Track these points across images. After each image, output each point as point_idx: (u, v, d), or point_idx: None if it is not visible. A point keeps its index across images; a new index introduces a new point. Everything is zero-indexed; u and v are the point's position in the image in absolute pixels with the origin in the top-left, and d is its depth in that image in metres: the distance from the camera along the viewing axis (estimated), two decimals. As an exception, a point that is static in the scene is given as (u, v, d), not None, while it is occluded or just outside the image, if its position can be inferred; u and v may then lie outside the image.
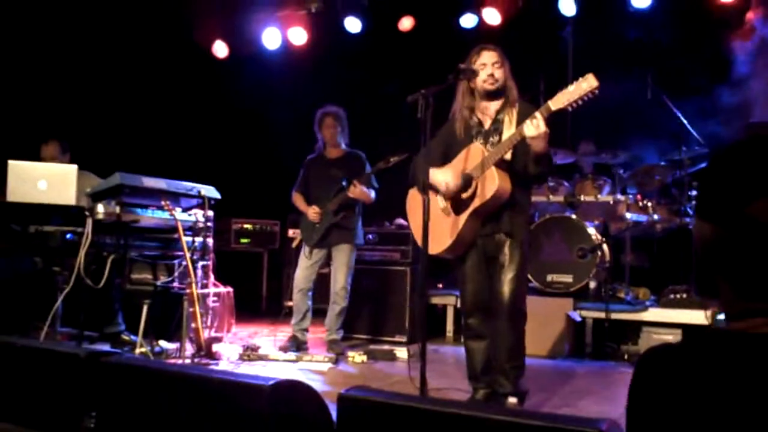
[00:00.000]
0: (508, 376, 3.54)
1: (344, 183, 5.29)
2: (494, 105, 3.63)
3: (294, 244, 5.82)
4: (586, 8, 6.97)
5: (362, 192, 5.27)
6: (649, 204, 6.19)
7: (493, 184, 3.40)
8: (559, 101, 3.20)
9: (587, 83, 3.11)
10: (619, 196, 6.19)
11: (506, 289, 3.49)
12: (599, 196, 6.33)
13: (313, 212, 5.40)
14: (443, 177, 3.56)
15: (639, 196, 6.25)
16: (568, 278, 5.92)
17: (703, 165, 6.27)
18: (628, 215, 6.05)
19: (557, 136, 6.87)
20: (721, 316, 4.69)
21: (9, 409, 3.14)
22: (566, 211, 6.29)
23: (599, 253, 5.87)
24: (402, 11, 7.68)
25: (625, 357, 5.30)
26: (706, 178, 1.12)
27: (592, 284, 6.11)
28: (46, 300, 4.71)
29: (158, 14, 7.45)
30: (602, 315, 5.51)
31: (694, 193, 6.14)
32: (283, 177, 5.79)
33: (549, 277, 5.96)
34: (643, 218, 6.17)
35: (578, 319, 5.61)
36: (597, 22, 7.05)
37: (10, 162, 4.52)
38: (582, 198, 6.36)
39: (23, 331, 4.69)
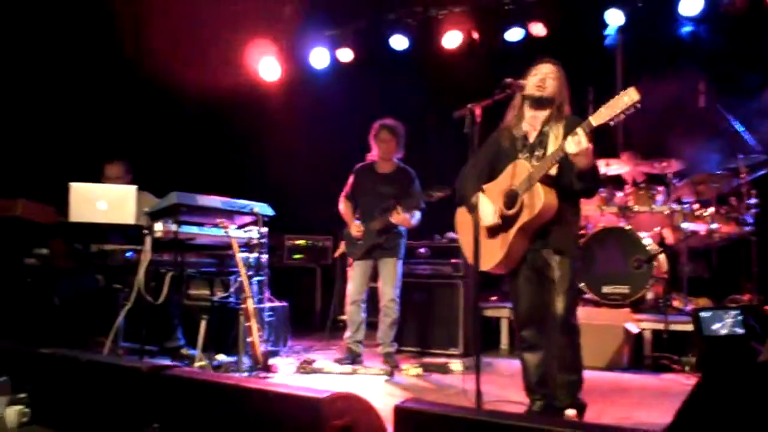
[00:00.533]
0: (566, 390, 3.50)
1: (391, 204, 5.33)
2: (541, 116, 3.59)
3: (336, 254, 5.89)
4: (634, 17, 6.89)
5: (404, 219, 5.27)
6: (707, 213, 6.07)
7: (538, 200, 3.38)
8: (600, 117, 3.15)
9: (628, 97, 3.05)
10: (675, 206, 6.09)
11: (558, 305, 3.45)
12: (654, 206, 6.24)
13: (356, 230, 5.46)
14: (488, 209, 3.57)
15: (695, 206, 6.13)
16: (624, 289, 5.84)
17: (762, 172, 6.13)
18: (685, 225, 5.94)
19: (608, 147, 6.84)
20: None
21: (75, 421, 3.25)
22: (620, 222, 6.21)
23: (655, 263, 5.78)
24: (448, 27, 7.69)
25: (686, 369, 5.18)
26: None
27: (649, 295, 6.01)
28: (107, 316, 4.86)
29: (210, 39, 7.66)
30: (661, 326, 5.41)
31: (753, 201, 6.01)
32: (334, 193, 5.85)
33: (605, 289, 5.88)
34: (700, 227, 6.05)
35: (636, 330, 5.51)
36: (646, 30, 6.96)
37: (72, 184, 4.68)
38: (636, 208, 6.27)
39: (87, 346, 4.85)
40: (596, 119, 3.16)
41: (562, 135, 3.45)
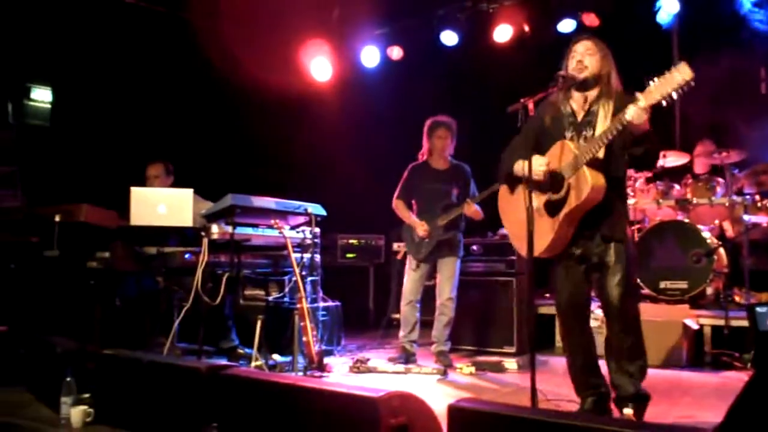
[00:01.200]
0: (631, 377, 3.43)
1: (454, 199, 5.32)
2: (590, 95, 3.48)
3: (399, 256, 5.88)
4: (691, 3, 6.71)
5: (476, 211, 5.30)
6: (769, 204, 5.89)
7: (586, 185, 3.27)
8: (651, 96, 3.00)
9: (680, 74, 2.90)
10: (735, 198, 5.92)
11: (615, 292, 3.38)
12: (713, 198, 6.08)
13: (423, 230, 5.43)
14: (538, 162, 3.43)
15: (757, 197, 5.95)
16: (683, 284, 5.71)
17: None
18: (746, 217, 5.78)
19: (667, 137, 6.69)
20: None
21: (137, 421, 3.35)
22: (678, 215, 6.07)
23: (715, 257, 5.63)
24: (498, 21, 7.62)
25: (748, 366, 5.03)
26: None
27: (709, 290, 5.87)
28: (167, 317, 4.99)
29: (262, 40, 7.77)
30: (721, 322, 5.28)
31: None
32: (386, 192, 5.87)
33: (662, 284, 5.77)
34: (762, 220, 5.87)
35: (695, 326, 5.39)
36: (703, 16, 6.78)
37: (133, 189, 4.80)
38: (695, 201, 6.12)
39: (147, 346, 4.98)
40: (648, 98, 3.01)
41: (612, 112, 3.34)
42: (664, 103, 2.99)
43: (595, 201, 3.33)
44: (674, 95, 2.95)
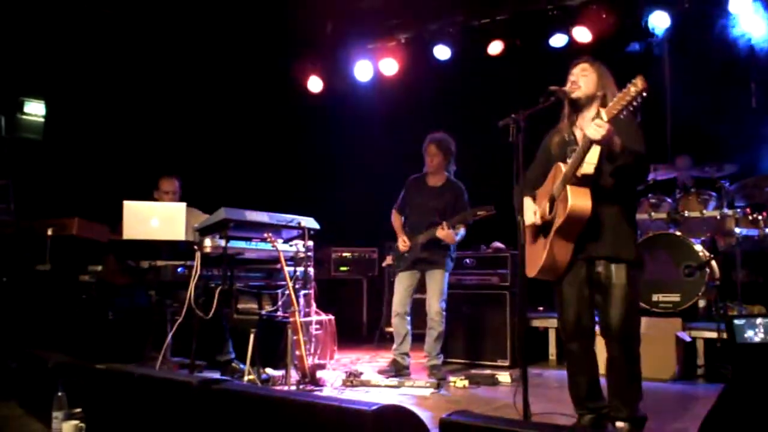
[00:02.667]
0: (625, 401, 3.42)
1: (436, 220, 5.34)
2: (588, 116, 3.47)
3: (384, 264, 5.91)
4: (680, 18, 6.77)
5: (448, 234, 5.26)
6: (760, 217, 5.91)
7: (565, 203, 3.30)
8: (610, 111, 3.07)
9: (634, 87, 2.98)
10: (727, 210, 5.95)
11: (614, 312, 3.37)
12: (705, 211, 6.11)
13: (402, 244, 5.50)
14: (528, 210, 3.57)
15: (748, 210, 5.98)
16: (675, 297, 5.72)
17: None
18: (738, 230, 5.81)
19: (656, 151, 6.72)
20: None
21: (130, 435, 3.33)
22: (670, 228, 6.10)
23: (708, 270, 5.65)
24: (491, 36, 7.68)
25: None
26: None
27: (702, 303, 5.88)
28: (160, 331, 4.97)
29: (257, 54, 7.80)
30: (714, 335, 5.29)
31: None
32: (379, 205, 5.89)
33: (655, 297, 5.78)
34: (754, 232, 5.90)
35: (688, 339, 5.40)
36: (693, 30, 6.83)
37: (126, 202, 4.80)
38: (686, 214, 6.15)
39: (141, 360, 4.96)
40: (607, 113, 3.07)
41: None
42: (622, 115, 3.05)
43: (581, 218, 3.32)
44: (630, 107, 3.02)
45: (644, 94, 2.98)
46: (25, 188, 6.17)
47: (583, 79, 3.49)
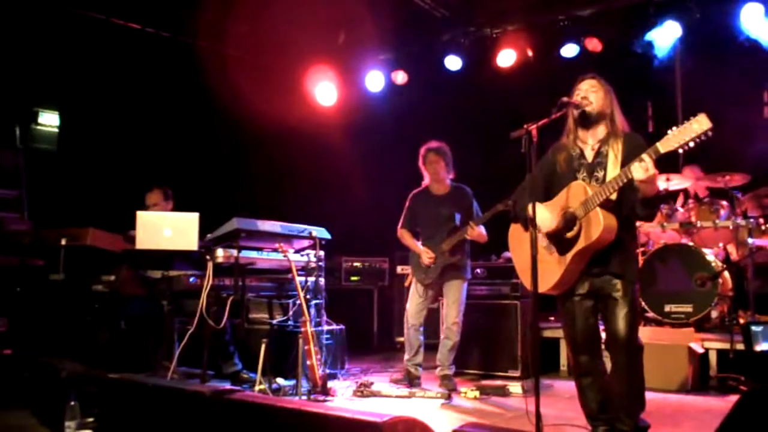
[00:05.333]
0: (629, 412, 3.43)
1: (458, 222, 5.33)
2: (596, 134, 3.53)
3: (406, 283, 5.84)
4: (691, 28, 6.76)
5: (480, 234, 5.29)
6: (773, 227, 5.89)
7: (598, 226, 3.31)
8: (669, 144, 3.06)
9: (698, 125, 2.95)
10: (740, 221, 5.92)
11: (621, 325, 3.38)
12: (717, 221, 6.08)
13: (427, 257, 5.42)
14: (545, 215, 3.51)
15: (761, 220, 5.96)
16: (687, 308, 5.70)
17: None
18: (751, 240, 5.78)
19: (669, 162, 6.71)
20: None
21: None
22: (682, 239, 6.07)
23: (720, 280, 5.62)
24: (502, 46, 7.69)
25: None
26: None
27: (714, 314, 5.85)
28: (172, 341, 4.99)
29: (267, 66, 7.85)
30: (726, 346, 5.25)
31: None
32: (390, 215, 5.89)
33: (667, 308, 5.75)
34: (767, 243, 5.86)
35: (701, 350, 5.36)
36: (705, 40, 6.82)
37: (139, 213, 4.82)
38: (699, 224, 6.12)
39: (153, 370, 4.98)
40: (664, 146, 3.07)
41: (621, 153, 3.39)
42: (680, 151, 3.04)
43: (607, 241, 3.36)
44: (691, 144, 3.00)
45: (709, 134, 2.96)
46: (40, 198, 6.23)
47: (593, 95, 3.50)
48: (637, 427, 3.43)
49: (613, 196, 3.34)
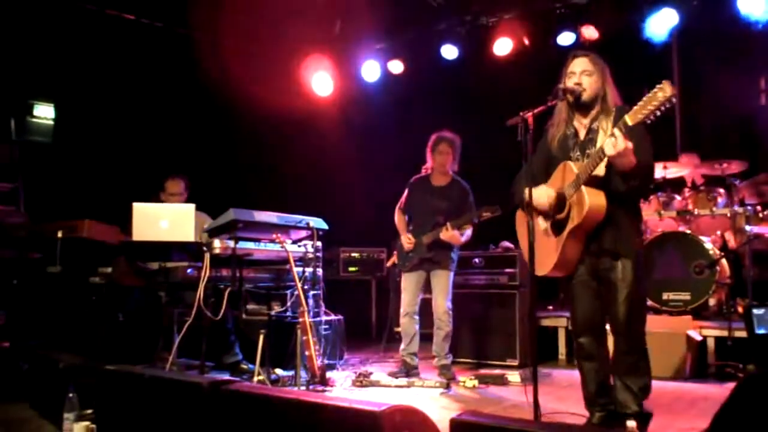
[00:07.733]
0: (634, 396, 3.42)
1: (441, 220, 5.33)
2: (589, 113, 3.52)
3: (388, 263, 5.89)
4: (689, 15, 6.73)
5: (453, 236, 5.25)
6: (771, 215, 5.89)
7: (583, 206, 3.30)
8: (636, 116, 3.03)
9: (662, 92, 2.92)
10: (737, 208, 5.92)
11: (620, 308, 3.38)
12: (715, 209, 6.08)
13: (407, 241, 5.47)
14: (543, 193, 3.50)
15: (759, 207, 5.95)
16: (685, 296, 5.70)
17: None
18: (748, 228, 5.77)
19: (666, 149, 6.70)
20: None
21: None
22: (680, 227, 6.07)
23: (718, 268, 5.62)
24: (498, 34, 7.66)
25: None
26: None
27: (712, 301, 5.86)
28: (169, 332, 4.99)
29: (263, 56, 7.82)
30: (725, 333, 5.26)
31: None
32: (387, 205, 5.88)
33: (665, 296, 5.76)
34: (765, 230, 5.87)
35: (699, 338, 5.38)
36: (702, 27, 6.80)
37: (135, 204, 4.80)
38: (696, 212, 6.12)
39: (151, 361, 4.97)
40: (632, 118, 3.04)
41: (611, 128, 3.33)
42: (648, 121, 3.01)
43: (596, 219, 3.35)
44: (657, 113, 2.98)
45: (673, 100, 2.94)
46: (35, 191, 6.19)
47: (586, 80, 3.47)
48: (641, 413, 3.42)
49: (601, 173, 3.33)
